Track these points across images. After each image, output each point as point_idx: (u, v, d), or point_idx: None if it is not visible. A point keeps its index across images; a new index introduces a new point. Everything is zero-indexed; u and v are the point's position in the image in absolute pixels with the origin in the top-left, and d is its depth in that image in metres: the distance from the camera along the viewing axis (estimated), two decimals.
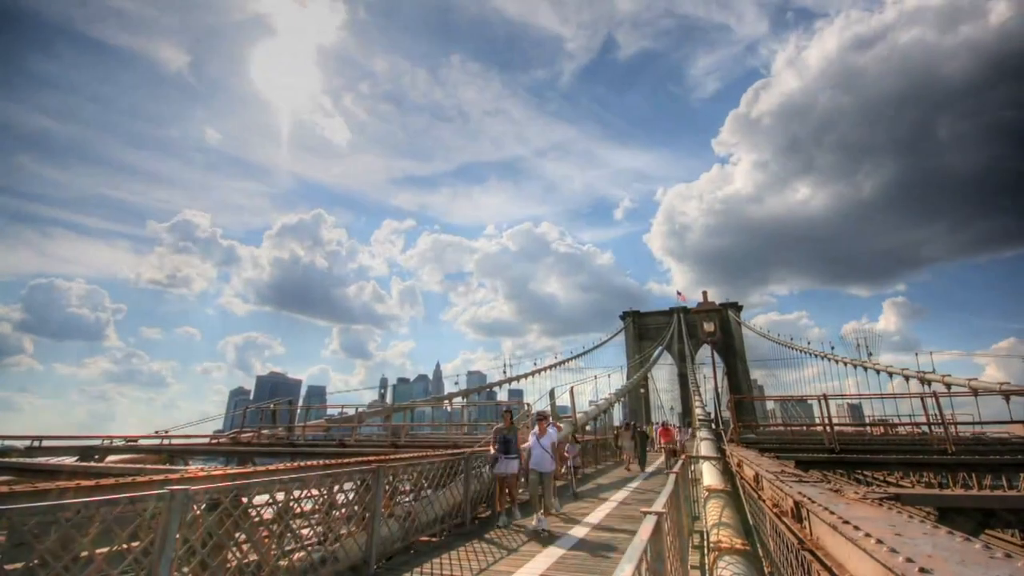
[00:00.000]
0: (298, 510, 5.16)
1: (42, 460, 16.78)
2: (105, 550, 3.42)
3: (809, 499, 3.63)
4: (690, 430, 22.82)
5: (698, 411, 31.31)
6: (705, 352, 70.25)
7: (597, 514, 9.59)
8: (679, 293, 78.60)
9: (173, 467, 17.63)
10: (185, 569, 3.84)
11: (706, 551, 4.98)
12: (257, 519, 4.70)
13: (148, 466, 15.15)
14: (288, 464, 6.88)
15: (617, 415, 34.92)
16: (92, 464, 16.02)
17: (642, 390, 60.00)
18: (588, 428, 22.65)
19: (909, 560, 1.95)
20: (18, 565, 3.25)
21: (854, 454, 16.49)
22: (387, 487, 6.43)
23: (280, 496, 4.90)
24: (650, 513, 2.71)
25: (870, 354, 38.71)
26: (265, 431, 24.05)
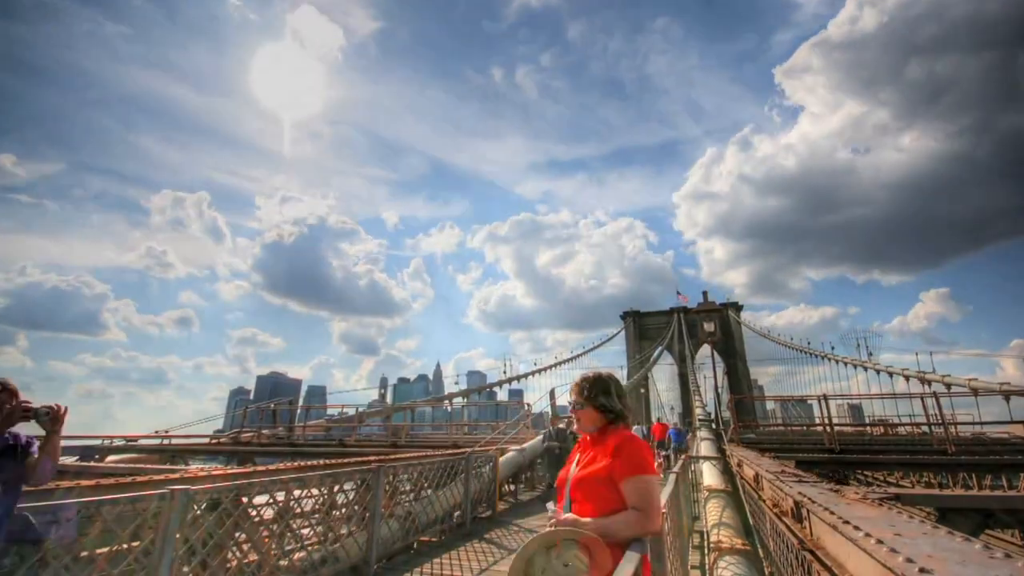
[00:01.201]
0: (298, 510, 5.16)
1: None
2: (106, 550, 3.42)
3: (809, 499, 3.64)
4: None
5: (698, 411, 31.31)
6: (705, 352, 70.33)
7: None
8: (679, 293, 78.45)
9: (173, 467, 17.64)
10: (186, 569, 3.84)
11: (706, 551, 4.98)
12: (257, 519, 4.70)
13: (148, 466, 15.16)
14: (288, 464, 6.89)
15: None
16: (92, 464, 16.00)
17: (642, 390, 59.98)
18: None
19: (909, 560, 1.95)
20: (18, 565, 3.25)
21: (854, 454, 16.49)
22: (387, 487, 6.42)
23: (280, 496, 4.90)
24: None
25: (870, 354, 38.70)
26: (265, 431, 24.05)
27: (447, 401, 33.76)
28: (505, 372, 42.02)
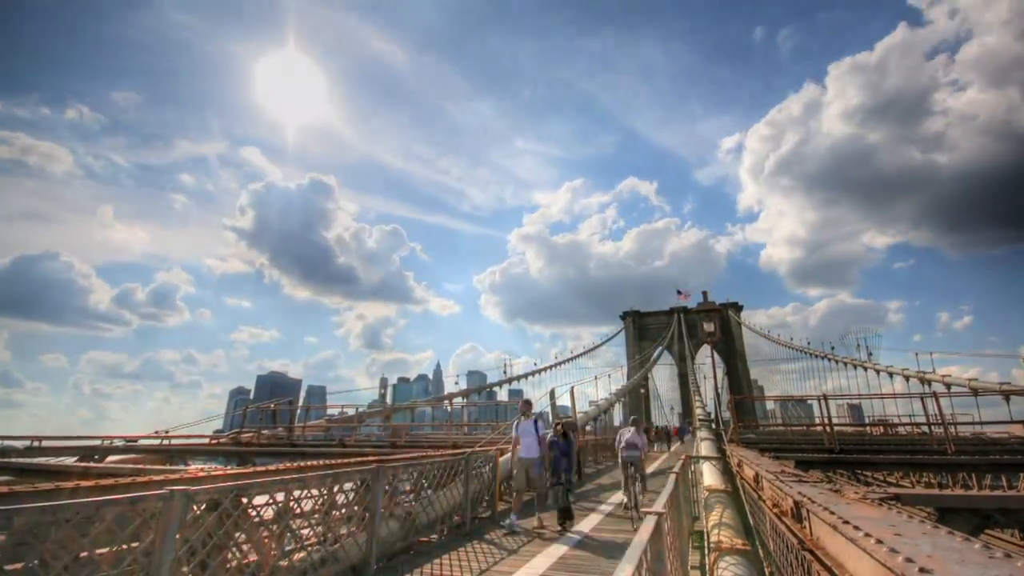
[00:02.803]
0: (298, 510, 5.16)
1: (42, 460, 16.78)
2: (105, 550, 3.42)
3: (809, 499, 3.64)
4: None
5: (698, 411, 31.33)
6: (705, 352, 70.32)
7: (597, 515, 9.59)
8: (680, 292, 78.46)
9: (173, 467, 17.65)
10: (185, 569, 3.84)
11: (706, 551, 4.98)
12: (257, 519, 4.70)
13: (148, 466, 15.16)
14: (288, 464, 6.89)
15: (617, 415, 34.92)
16: (92, 464, 16.00)
17: (642, 390, 59.99)
18: (588, 428, 22.64)
19: (909, 560, 1.95)
20: (18, 565, 3.26)
21: (854, 454, 16.50)
22: (387, 487, 6.43)
23: (280, 496, 4.90)
24: (650, 513, 2.71)
25: (870, 354, 38.71)
26: (265, 431, 24.05)
27: (447, 401, 33.76)
28: (505, 372, 42.05)
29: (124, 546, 3.51)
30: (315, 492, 5.37)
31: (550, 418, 20.34)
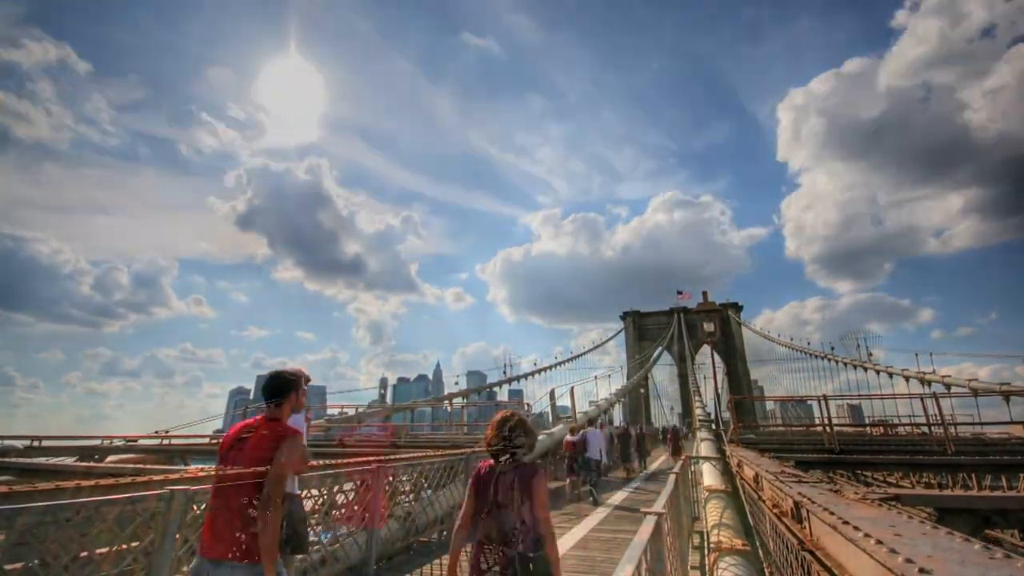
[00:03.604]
0: None
1: (42, 460, 16.79)
2: (105, 550, 3.42)
3: (809, 499, 3.64)
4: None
5: (698, 411, 31.33)
6: (705, 352, 70.32)
7: (596, 515, 9.59)
8: (680, 292, 78.44)
9: (173, 467, 17.64)
10: (185, 569, 3.84)
11: (706, 551, 4.98)
12: None
13: (148, 466, 15.16)
14: None
15: (617, 415, 34.94)
16: (92, 464, 16.01)
17: (642, 390, 60.02)
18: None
19: (909, 560, 1.95)
20: (18, 565, 3.26)
21: (854, 454, 16.48)
22: (387, 487, 6.43)
23: None
24: (650, 513, 2.71)
25: (870, 355, 38.73)
26: None
27: (447, 401, 33.77)
28: (505, 372, 42.07)
29: (124, 546, 3.51)
30: (315, 492, 5.38)
31: (550, 418, 20.35)
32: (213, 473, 5.47)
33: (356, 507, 5.75)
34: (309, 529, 5.30)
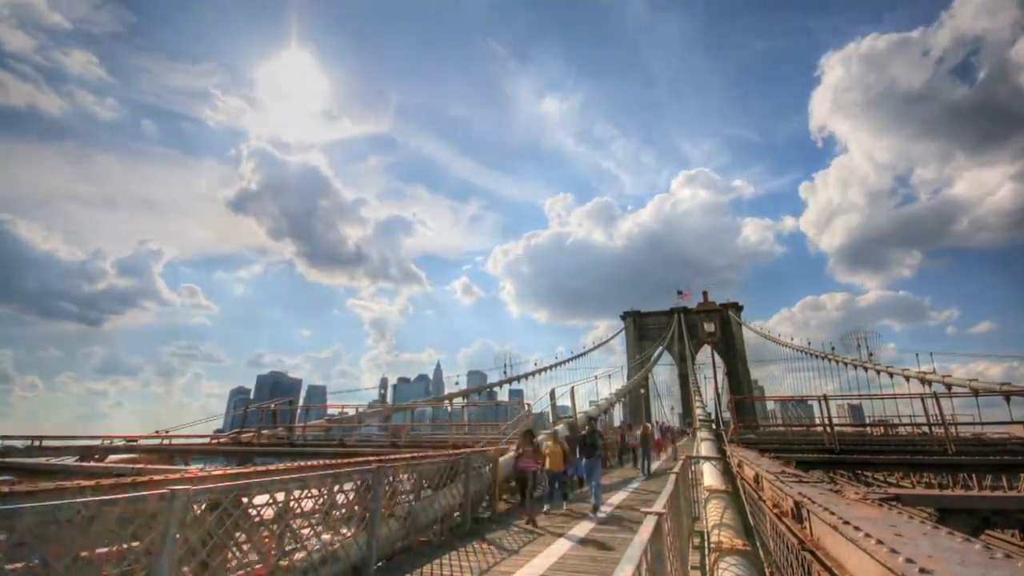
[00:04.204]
0: (298, 510, 5.17)
1: (42, 460, 16.81)
2: (105, 550, 3.42)
3: (809, 499, 3.64)
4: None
5: (698, 411, 31.33)
6: (706, 352, 70.35)
7: (596, 515, 9.59)
8: (680, 292, 78.45)
9: (173, 467, 17.65)
10: (185, 569, 3.85)
11: (706, 551, 4.99)
12: (257, 519, 4.70)
13: (148, 466, 15.16)
14: (288, 464, 6.89)
15: (618, 415, 34.94)
16: (92, 464, 16.03)
17: (642, 390, 60.02)
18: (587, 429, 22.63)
19: (909, 560, 1.95)
20: (19, 565, 3.26)
21: (854, 454, 16.49)
22: (387, 487, 6.43)
23: (280, 496, 4.90)
24: (650, 513, 2.71)
25: (870, 355, 38.72)
26: (265, 431, 24.07)
27: (447, 401, 33.79)
28: (506, 372, 42.08)
29: (125, 546, 3.51)
30: (315, 492, 5.38)
31: (550, 418, 20.36)
32: (215, 474, 5.45)
33: (356, 507, 5.76)
34: (308, 528, 5.32)
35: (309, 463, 6.95)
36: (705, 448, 14.69)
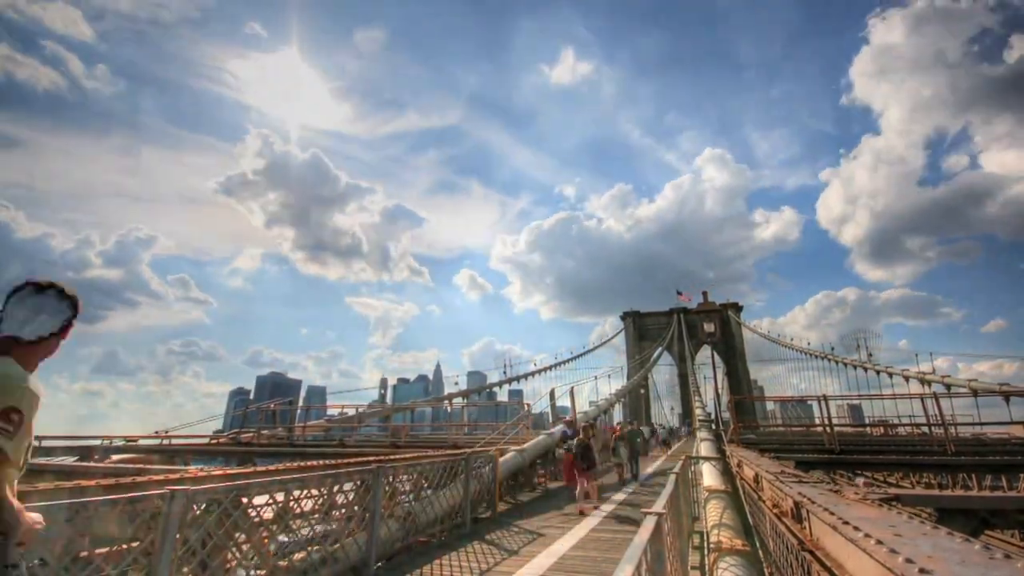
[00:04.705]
0: (298, 510, 5.16)
1: (42, 460, 16.78)
2: (105, 550, 3.42)
3: (809, 499, 3.64)
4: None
5: (698, 412, 31.35)
6: (706, 353, 70.39)
7: (595, 517, 9.59)
8: (680, 293, 78.46)
9: (173, 467, 17.64)
10: (185, 569, 3.85)
11: (706, 552, 4.98)
12: (257, 519, 4.70)
13: (148, 466, 15.16)
14: (288, 464, 6.89)
15: (617, 416, 34.92)
16: (92, 464, 16.03)
17: (642, 391, 60.01)
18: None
19: (909, 561, 1.95)
20: (18, 565, 3.25)
21: (854, 455, 16.50)
22: (387, 487, 6.43)
23: (280, 496, 4.90)
24: (650, 514, 2.71)
25: (870, 355, 38.73)
26: (265, 431, 24.08)
27: (447, 401, 33.79)
28: (505, 372, 42.07)
29: (124, 546, 3.51)
30: (315, 492, 5.38)
31: (550, 418, 20.38)
32: (214, 474, 5.45)
33: (356, 507, 5.76)
34: (308, 528, 5.32)
35: (309, 463, 6.96)
36: (705, 448, 14.69)
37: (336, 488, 5.74)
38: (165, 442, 21.96)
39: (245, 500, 4.54)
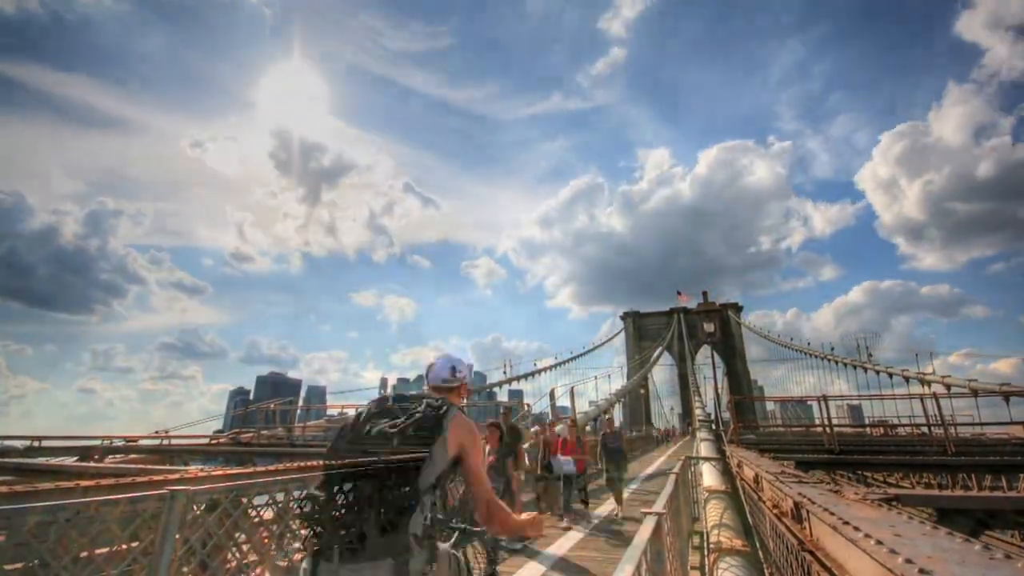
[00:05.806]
0: (298, 510, 5.15)
1: (42, 460, 16.79)
2: (105, 550, 3.42)
3: (809, 500, 3.64)
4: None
5: (698, 412, 31.37)
6: (706, 353, 70.40)
7: (595, 517, 9.58)
8: (679, 293, 78.49)
9: (173, 467, 17.64)
10: (185, 569, 3.84)
11: (706, 552, 4.98)
12: (257, 520, 4.70)
13: (148, 466, 15.16)
14: (288, 464, 6.88)
15: (618, 416, 34.93)
16: (92, 464, 16.01)
17: (642, 391, 60.05)
18: (588, 429, 22.64)
19: (909, 561, 1.95)
20: (18, 565, 3.26)
21: (854, 455, 16.49)
22: None
23: (280, 496, 4.90)
24: (650, 514, 2.71)
25: (870, 355, 38.76)
26: (265, 431, 24.07)
27: None
28: (505, 372, 42.06)
29: (124, 546, 3.51)
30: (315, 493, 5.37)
31: (550, 418, 20.39)
32: (214, 474, 5.44)
33: None
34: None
35: (309, 463, 6.96)
36: (705, 448, 14.69)
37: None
38: (165, 442, 21.96)
39: (245, 500, 4.53)
